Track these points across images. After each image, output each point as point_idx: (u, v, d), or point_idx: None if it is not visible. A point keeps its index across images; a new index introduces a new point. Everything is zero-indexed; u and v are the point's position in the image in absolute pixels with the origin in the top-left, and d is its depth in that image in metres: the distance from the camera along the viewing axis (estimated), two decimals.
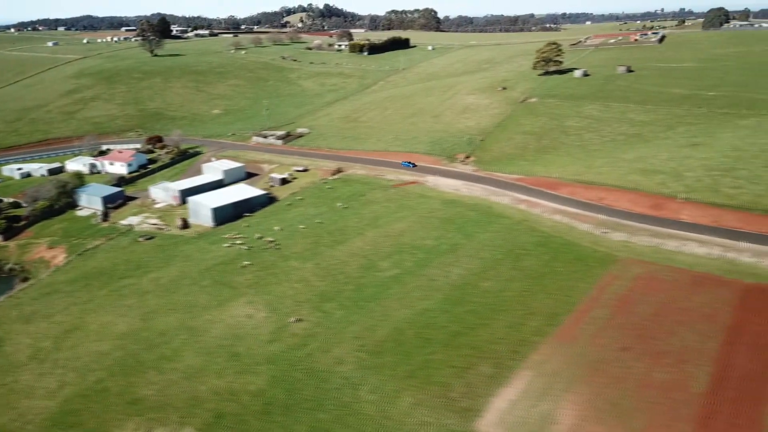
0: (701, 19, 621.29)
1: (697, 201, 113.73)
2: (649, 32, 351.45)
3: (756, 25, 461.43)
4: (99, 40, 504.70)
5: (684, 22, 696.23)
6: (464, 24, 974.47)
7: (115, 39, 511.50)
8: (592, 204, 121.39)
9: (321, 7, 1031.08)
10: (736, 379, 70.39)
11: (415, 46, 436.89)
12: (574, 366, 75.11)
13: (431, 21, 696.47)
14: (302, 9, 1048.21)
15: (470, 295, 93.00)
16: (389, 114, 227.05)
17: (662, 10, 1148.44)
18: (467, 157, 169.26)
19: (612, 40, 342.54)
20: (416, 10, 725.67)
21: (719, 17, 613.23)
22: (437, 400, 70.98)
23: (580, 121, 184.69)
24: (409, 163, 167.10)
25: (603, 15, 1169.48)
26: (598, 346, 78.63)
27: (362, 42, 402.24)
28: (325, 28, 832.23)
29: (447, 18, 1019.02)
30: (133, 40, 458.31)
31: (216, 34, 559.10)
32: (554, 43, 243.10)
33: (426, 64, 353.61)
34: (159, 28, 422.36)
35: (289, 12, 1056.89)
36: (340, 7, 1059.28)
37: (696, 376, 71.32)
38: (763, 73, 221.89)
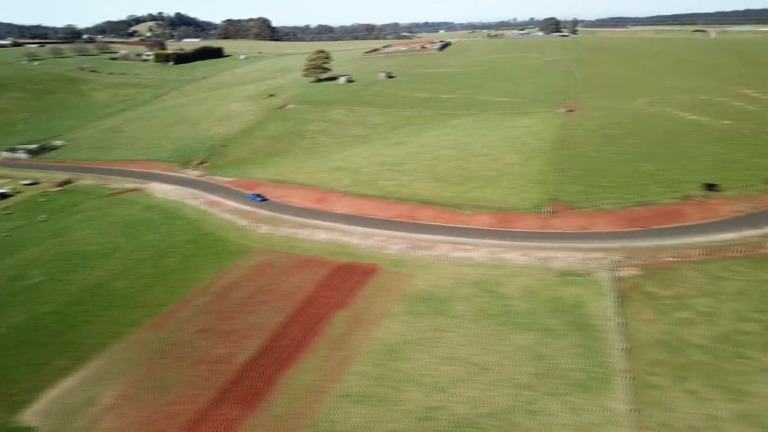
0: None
1: (353, 194, 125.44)
2: (436, 41, 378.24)
3: (541, 34, 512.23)
4: None
5: (524, 29, 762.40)
6: (325, 32, 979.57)
7: None
8: (271, 202, 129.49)
9: (172, 15, 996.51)
10: (279, 348, 79.14)
11: (229, 56, 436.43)
12: (146, 350, 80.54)
13: (265, 30, 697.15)
14: (152, 17, 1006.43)
15: (95, 295, 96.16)
16: (153, 124, 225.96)
17: (515, 19, 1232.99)
18: (201, 163, 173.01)
19: (404, 48, 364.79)
20: (251, 19, 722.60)
21: (550, 26, 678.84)
22: None
23: (321, 125, 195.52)
24: (257, 195, 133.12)
25: (462, 24, 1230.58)
26: (181, 330, 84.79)
27: (167, 52, 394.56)
28: (175, 36, 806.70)
29: (308, 26, 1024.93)
30: None
31: (21, 44, 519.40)
32: (322, 51, 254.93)
33: (227, 73, 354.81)
34: None
35: (138, 21, 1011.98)
36: (192, 16, 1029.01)
37: (247, 348, 79.54)
38: (501, 77, 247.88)
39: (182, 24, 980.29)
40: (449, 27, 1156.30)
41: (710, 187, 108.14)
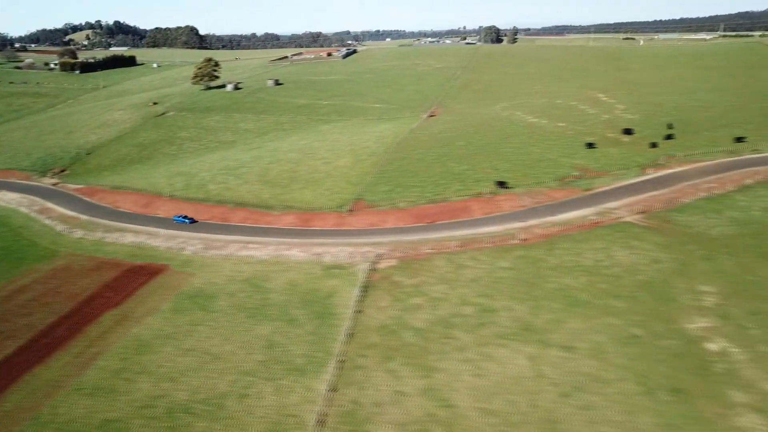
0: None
1: (179, 197, 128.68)
2: (343, 48, 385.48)
3: (449, 42, 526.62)
4: None
5: (465, 38, 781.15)
6: (272, 40, 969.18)
7: None
8: (100, 206, 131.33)
9: (111, 23, 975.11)
10: (37, 347, 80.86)
11: (142, 64, 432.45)
12: None
13: (193, 38, 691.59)
14: (90, 26, 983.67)
15: None
16: (31, 133, 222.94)
17: (464, 27, 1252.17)
18: (61, 171, 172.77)
19: (311, 56, 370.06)
20: (179, 28, 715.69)
21: (490, 34, 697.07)
22: None
23: (193, 132, 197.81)
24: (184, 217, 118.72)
25: (413, 32, 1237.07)
26: None
27: (73, 61, 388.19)
28: (112, 45, 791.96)
29: (254, 35, 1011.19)
30: None
31: None
32: (210, 59, 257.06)
33: (131, 82, 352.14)
34: None
35: (75, 29, 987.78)
36: (132, 24, 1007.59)
37: (5, 348, 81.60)
38: (385, 84, 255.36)
39: (120, 32, 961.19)
40: (399, 35, 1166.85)
41: (501, 184, 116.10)
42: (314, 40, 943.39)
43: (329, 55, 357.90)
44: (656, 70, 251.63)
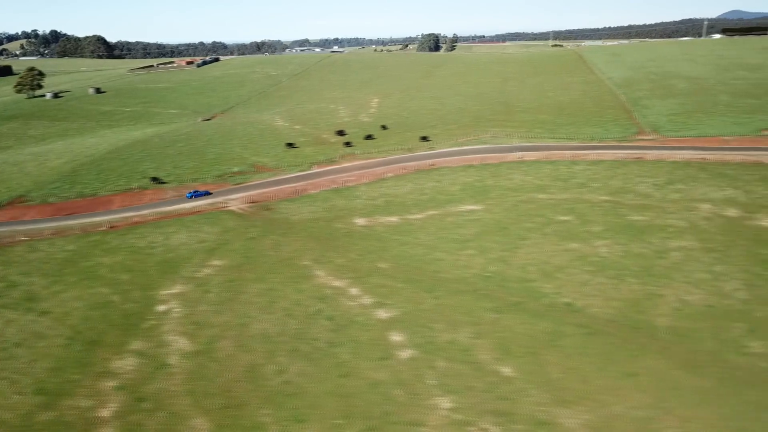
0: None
1: None
2: (208, 58, 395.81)
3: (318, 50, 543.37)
4: None
5: (407, 46, 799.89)
6: (219, 48, 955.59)
7: None
8: None
9: (47, 33, 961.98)
10: None
11: (17, 74, 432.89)
12: None
13: (100, 48, 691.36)
14: (25, 35, 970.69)
15: None
16: None
17: (421, 34, 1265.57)
18: None
19: (175, 65, 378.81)
20: (87, 37, 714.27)
21: (428, 42, 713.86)
22: None
23: None
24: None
25: (371, 39, 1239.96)
26: None
27: None
28: (47, 54, 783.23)
29: (201, 43, 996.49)
30: None
31: None
32: (33, 69, 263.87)
33: None
34: None
35: (11, 38, 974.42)
36: (70, 34, 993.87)
37: None
38: (201, 91, 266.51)
39: (57, 42, 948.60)
40: (359, 42, 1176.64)
41: (155, 179, 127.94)
42: (258, 48, 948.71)
43: (188, 63, 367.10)
44: (455, 77, 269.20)
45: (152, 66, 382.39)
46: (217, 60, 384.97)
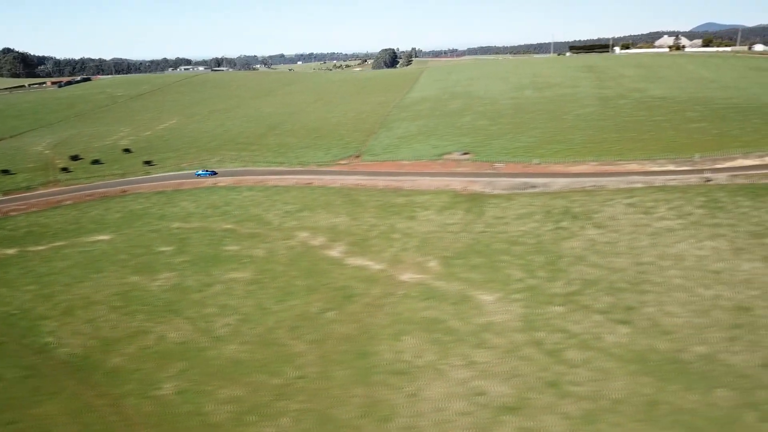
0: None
1: None
2: (78, 77, 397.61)
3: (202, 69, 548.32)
4: None
5: (366, 61, 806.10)
6: (183, 63, 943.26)
7: None
8: None
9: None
10: None
11: None
12: None
13: (17, 66, 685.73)
14: None
15: None
16: None
17: (398, 49, 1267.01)
18: None
19: (49, 85, 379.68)
20: (3, 52, 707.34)
21: (383, 57, 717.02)
22: None
23: None
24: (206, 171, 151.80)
25: (340, 54, 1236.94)
26: None
27: None
28: None
29: (165, 59, 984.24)
30: None
31: None
32: None
33: None
34: None
35: None
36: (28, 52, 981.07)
37: None
38: (36, 111, 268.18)
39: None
40: (336, 57, 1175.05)
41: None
42: (218, 63, 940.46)
43: (54, 83, 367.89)
44: (287, 96, 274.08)
45: (23, 86, 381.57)
46: (87, 80, 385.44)
